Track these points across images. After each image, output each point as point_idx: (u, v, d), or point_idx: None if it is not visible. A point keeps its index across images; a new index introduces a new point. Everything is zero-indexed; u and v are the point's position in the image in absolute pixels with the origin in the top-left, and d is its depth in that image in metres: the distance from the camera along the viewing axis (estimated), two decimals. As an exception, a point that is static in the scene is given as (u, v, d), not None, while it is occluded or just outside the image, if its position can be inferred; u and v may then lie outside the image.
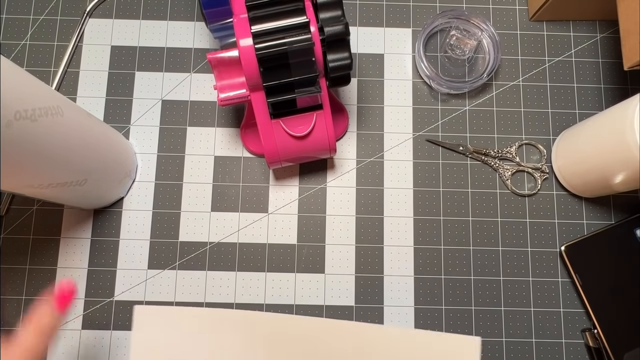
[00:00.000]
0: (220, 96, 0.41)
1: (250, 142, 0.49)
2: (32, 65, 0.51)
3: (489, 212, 0.49)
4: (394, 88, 0.51)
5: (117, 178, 0.46)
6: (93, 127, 0.40)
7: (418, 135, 0.50)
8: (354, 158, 0.50)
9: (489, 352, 0.46)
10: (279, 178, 0.49)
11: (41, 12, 0.52)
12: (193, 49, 0.52)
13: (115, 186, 0.46)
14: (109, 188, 0.45)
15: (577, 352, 0.46)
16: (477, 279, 0.47)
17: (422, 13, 0.53)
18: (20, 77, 0.31)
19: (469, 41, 0.50)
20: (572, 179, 0.48)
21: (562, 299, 0.47)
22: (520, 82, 0.51)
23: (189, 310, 0.44)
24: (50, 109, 0.33)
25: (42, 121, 0.32)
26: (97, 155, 0.41)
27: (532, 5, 0.52)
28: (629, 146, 0.38)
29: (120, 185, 0.47)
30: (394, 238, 0.48)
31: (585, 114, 0.51)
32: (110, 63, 0.51)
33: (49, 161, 0.34)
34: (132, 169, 0.48)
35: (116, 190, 0.47)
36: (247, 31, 0.38)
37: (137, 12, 0.52)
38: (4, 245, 0.47)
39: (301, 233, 0.48)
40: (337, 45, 0.39)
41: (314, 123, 0.42)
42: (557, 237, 0.48)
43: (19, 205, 0.48)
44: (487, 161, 0.49)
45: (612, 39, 0.52)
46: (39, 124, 0.32)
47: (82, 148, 0.38)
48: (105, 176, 0.43)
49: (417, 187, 0.49)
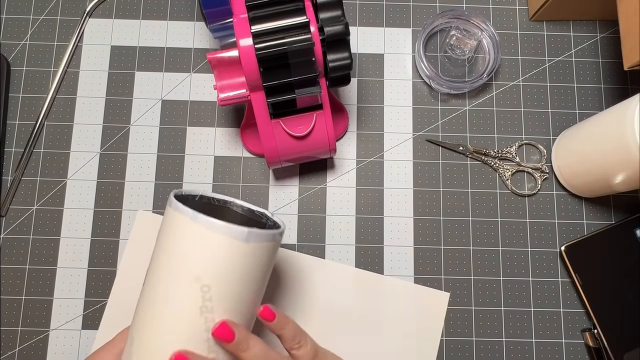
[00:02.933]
0: (220, 96, 0.41)
1: (250, 142, 0.49)
2: (32, 65, 0.51)
3: (489, 212, 0.49)
4: (394, 88, 0.51)
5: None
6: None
7: (418, 135, 0.50)
8: (354, 158, 0.50)
9: (489, 352, 0.46)
10: (279, 178, 0.49)
11: (41, 12, 0.52)
12: (193, 49, 0.52)
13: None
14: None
15: (577, 352, 0.46)
16: (477, 279, 0.47)
17: (422, 13, 0.53)
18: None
19: (469, 41, 0.50)
20: (572, 179, 0.48)
21: (562, 299, 0.47)
22: (520, 82, 0.51)
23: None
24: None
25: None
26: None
27: (532, 5, 0.52)
28: (629, 146, 0.38)
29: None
30: (394, 238, 0.48)
31: (585, 114, 0.51)
32: (110, 63, 0.51)
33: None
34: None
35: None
36: (247, 31, 0.38)
37: (137, 12, 0.52)
38: (4, 245, 0.47)
39: (301, 233, 0.48)
40: (337, 45, 0.39)
41: (314, 123, 0.42)
42: (557, 237, 0.48)
43: (19, 205, 0.48)
44: (487, 161, 0.49)
45: (612, 39, 0.52)
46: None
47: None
48: None
49: (417, 187, 0.49)
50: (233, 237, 0.31)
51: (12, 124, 0.49)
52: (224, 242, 0.31)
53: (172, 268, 0.32)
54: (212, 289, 0.31)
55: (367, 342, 0.46)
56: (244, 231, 0.31)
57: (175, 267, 0.32)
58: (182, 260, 0.32)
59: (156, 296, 0.32)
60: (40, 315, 0.46)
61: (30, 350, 0.46)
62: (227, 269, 0.32)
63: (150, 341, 0.31)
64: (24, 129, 0.49)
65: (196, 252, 0.31)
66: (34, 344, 0.46)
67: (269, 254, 0.34)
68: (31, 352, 0.45)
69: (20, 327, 0.46)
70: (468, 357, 0.46)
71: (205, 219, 0.31)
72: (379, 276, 0.47)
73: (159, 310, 0.32)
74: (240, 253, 0.32)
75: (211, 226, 0.31)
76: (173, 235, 0.32)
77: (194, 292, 0.31)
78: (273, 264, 0.36)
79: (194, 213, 0.32)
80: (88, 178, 0.49)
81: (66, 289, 0.47)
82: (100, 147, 0.49)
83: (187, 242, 0.32)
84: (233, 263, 0.32)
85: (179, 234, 0.32)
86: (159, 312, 0.31)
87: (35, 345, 0.46)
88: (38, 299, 0.46)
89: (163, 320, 0.31)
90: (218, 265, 0.31)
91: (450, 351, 0.46)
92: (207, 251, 0.31)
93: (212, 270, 0.31)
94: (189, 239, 0.32)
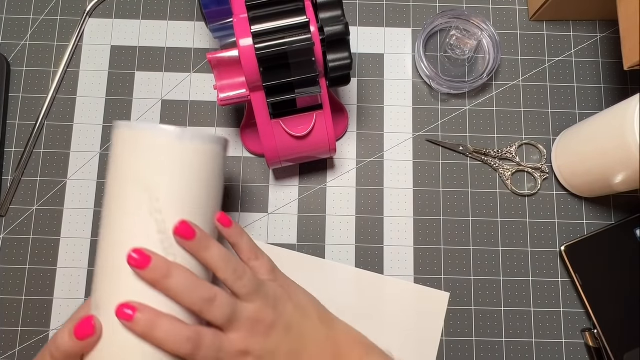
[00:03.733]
0: (220, 96, 0.41)
1: (250, 142, 0.49)
2: (32, 65, 0.51)
3: (489, 212, 0.49)
4: (394, 88, 0.51)
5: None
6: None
7: (418, 135, 0.50)
8: (354, 158, 0.50)
9: (489, 352, 0.46)
10: (279, 178, 0.49)
11: (41, 12, 0.52)
12: (193, 49, 0.52)
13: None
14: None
15: (577, 352, 0.46)
16: (477, 279, 0.47)
17: (422, 13, 0.53)
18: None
19: (469, 41, 0.50)
20: (572, 179, 0.48)
21: (562, 299, 0.47)
22: (520, 82, 0.51)
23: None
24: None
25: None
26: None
27: (532, 5, 0.52)
28: (629, 146, 0.38)
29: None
30: (394, 238, 0.48)
31: (585, 114, 0.51)
32: (110, 63, 0.51)
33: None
34: None
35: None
36: (247, 31, 0.38)
37: (137, 12, 0.52)
38: (4, 245, 0.47)
39: (301, 233, 0.48)
40: (337, 45, 0.39)
41: (314, 123, 0.42)
42: (557, 237, 0.48)
43: (19, 205, 0.48)
44: (487, 161, 0.49)
45: (612, 39, 0.52)
46: None
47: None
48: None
49: (417, 187, 0.49)
50: (166, 137, 0.32)
51: (12, 124, 0.49)
52: (157, 142, 0.32)
53: (117, 180, 0.33)
54: (155, 190, 0.32)
55: (367, 342, 0.46)
56: (178, 130, 0.33)
57: (118, 178, 0.33)
58: (121, 169, 0.33)
59: (107, 215, 0.33)
60: (40, 315, 0.46)
61: (31, 350, 0.46)
62: (165, 168, 0.32)
63: (109, 260, 0.32)
64: (24, 129, 0.49)
65: (132, 157, 0.32)
66: (34, 344, 0.46)
67: (208, 156, 0.34)
68: (31, 352, 0.45)
69: (20, 327, 0.46)
70: (468, 357, 0.46)
71: (137, 125, 0.33)
72: (379, 276, 0.47)
73: (112, 227, 0.32)
74: (175, 152, 0.33)
75: (144, 128, 0.33)
76: (114, 153, 0.33)
77: (139, 195, 0.32)
78: (219, 172, 0.36)
79: (128, 123, 0.33)
80: (88, 178, 0.49)
81: (66, 289, 0.47)
82: (100, 147, 0.49)
83: (123, 151, 0.33)
84: (171, 162, 0.32)
85: (116, 148, 0.33)
86: (112, 229, 0.32)
87: (35, 345, 0.46)
88: (38, 299, 0.46)
89: (117, 234, 0.32)
90: (157, 165, 0.32)
91: (450, 351, 0.46)
92: (143, 154, 0.32)
93: (151, 171, 0.32)
94: (125, 147, 0.33)
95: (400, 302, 0.46)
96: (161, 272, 0.30)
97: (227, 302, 0.32)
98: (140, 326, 0.30)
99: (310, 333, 0.36)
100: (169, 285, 0.30)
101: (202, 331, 0.31)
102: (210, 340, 0.31)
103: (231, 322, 0.32)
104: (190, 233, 0.32)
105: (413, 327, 0.46)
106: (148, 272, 0.30)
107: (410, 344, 0.46)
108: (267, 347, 0.33)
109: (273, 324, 0.33)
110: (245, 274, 0.33)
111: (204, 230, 0.33)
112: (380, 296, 0.47)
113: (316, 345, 0.35)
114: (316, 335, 0.36)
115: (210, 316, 0.31)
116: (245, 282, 0.33)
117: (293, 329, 0.34)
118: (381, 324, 0.46)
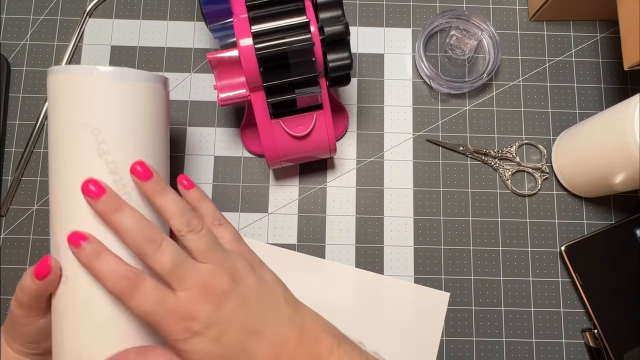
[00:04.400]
0: (220, 96, 0.41)
1: (250, 142, 0.49)
2: (32, 65, 0.51)
3: (489, 212, 0.49)
4: (394, 88, 0.51)
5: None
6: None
7: (418, 135, 0.50)
8: (354, 158, 0.50)
9: (489, 352, 0.46)
10: (279, 178, 0.49)
11: (41, 12, 0.52)
12: (193, 49, 0.52)
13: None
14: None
15: (577, 352, 0.46)
16: (477, 279, 0.47)
17: (422, 13, 0.53)
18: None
19: (469, 41, 0.50)
20: (572, 179, 0.48)
21: (562, 299, 0.47)
22: (520, 82, 0.51)
23: None
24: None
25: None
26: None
27: (532, 5, 0.52)
28: (629, 146, 0.38)
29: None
30: (394, 238, 0.48)
31: (585, 114, 0.51)
32: (110, 63, 0.51)
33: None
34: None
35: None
36: (247, 31, 0.38)
37: (137, 12, 0.52)
38: (4, 245, 0.47)
39: (301, 233, 0.48)
40: (337, 45, 0.39)
41: (314, 123, 0.42)
42: (557, 237, 0.48)
43: (19, 205, 0.48)
44: (487, 161, 0.49)
45: (612, 39, 0.52)
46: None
47: None
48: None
49: (417, 187, 0.49)
50: (107, 78, 0.32)
51: (12, 124, 0.49)
52: (99, 83, 0.32)
53: (61, 125, 0.33)
54: (102, 131, 0.32)
55: (367, 342, 0.46)
56: (117, 70, 0.33)
57: (63, 123, 0.33)
58: (65, 114, 0.33)
59: (56, 161, 0.33)
60: (40, 315, 0.46)
61: (30, 350, 0.45)
62: (109, 108, 0.33)
63: (65, 204, 0.32)
64: (24, 129, 0.49)
65: (76, 100, 0.32)
66: (34, 344, 0.46)
67: (151, 95, 0.35)
68: (31, 352, 0.45)
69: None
70: (468, 357, 0.46)
71: (75, 67, 0.33)
72: (379, 276, 0.47)
73: (64, 171, 0.32)
74: (118, 92, 0.33)
75: (84, 71, 0.32)
76: (53, 98, 0.33)
77: (86, 137, 0.32)
78: (162, 110, 0.36)
79: (65, 67, 0.33)
80: (88, 178, 0.49)
81: (66, 289, 0.47)
82: (100, 147, 0.49)
83: (67, 95, 0.33)
84: (115, 102, 0.33)
85: (56, 93, 0.33)
86: (64, 173, 0.32)
87: (35, 345, 0.46)
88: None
89: (69, 178, 0.32)
90: (100, 106, 0.32)
91: (450, 351, 0.46)
92: (86, 96, 0.32)
93: (96, 112, 0.32)
94: (68, 91, 0.33)
95: (400, 302, 0.46)
96: (112, 205, 0.30)
97: (175, 252, 0.30)
98: (84, 254, 0.30)
99: (272, 313, 0.31)
100: (117, 220, 0.30)
101: (143, 275, 0.29)
102: (150, 288, 0.29)
103: (178, 278, 0.29)
104: (146, 174, 0.31)
105: (413, 327, 0.46)
106: (99, 202, 0.30)
107: (410, 344, 0.46)
108: (216, 318, 0.29)
109: (228, 293, 0.30)
110: (202, 230, 0.31)
111: (160, 175, 0.32)
112: (380, 296, 0.47)
113: (278, 327, 0.31)
114: (279, 316, 0.31)
115: (152, 261, 0.29)
116: (200, 237, 0.31)
117: (251, 304, 0.30)
118: (381, 324, 0.46)
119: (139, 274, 0.30)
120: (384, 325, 0.46)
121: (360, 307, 0.46)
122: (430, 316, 0.46)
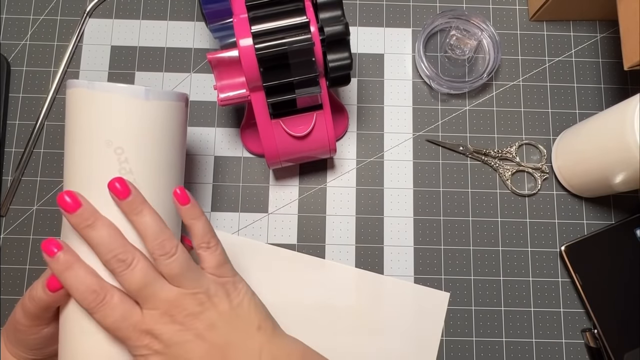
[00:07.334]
0: (220, 96, 0.41)
1: (250, 142, 0.49)
2: (32, 65, 0.51)
3: (489, 212, 0.49)
4: (394, 88, 0.51)
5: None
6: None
7: (418, 135, 0.50)
8: (354, 158, 0.50)
9: (489, 352, 0.46)
10: (279, 178, 0.49)
11: (41, 12, 0.52)
12: (193, 49, 0.52)
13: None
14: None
15: (577, 352, 0.46)
16: (477, 279, 0.47)
17: (422, 13, 0.53)
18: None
19: (469, 41, 0.50)
20: (572, 179, 0.48)
21: (562, 299, 0.47)
22: (520, 82, 0.51)
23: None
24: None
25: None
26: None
27: (532, 5, 0.52)
28: (629, 146, 0.38)
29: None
30: (394, 238, 0.48)
31: (585, 114, 0.51)
32: (110, 63, 0.51)
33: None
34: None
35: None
36: (247, 31, 0.38)
37: (137, 12, 0.52)
38: (4, 245, 0.47)
39: (301, 233, 0.48)
40: (337, 45, 0.39)
41: (314, 123, 0.42)
42: (557, 237, 0.48)
43: (19, 205, 0.48)
44: (487, 161, 0.49)
45: (612, 39, 0.52)
46: None
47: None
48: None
49: (417, 187, 0.49)
50: (133, 96, 0.32)
51: (12, 124, 0.49)
52: (125, 102, 0.32)
53: (80, 140, 0.32)
54: (125, 151, 0.32)
55: (367, 342, 0.46)
56: (142, 89, 0.33)
57: (83, 138, 0.32)
58: (85, 129, 0.32)
59: (76, 177, 0.33)
60: (40, 315, 0.46)
61: (30, 350, 0.45)
62: (134, 128, 0.32)
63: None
64: (24, 129, 0.49)
65: (100, 118, 0.32)
66: (34, 344, 0.46)
67: (174, 114, 0.35)
68: (31, 352, 0.45)
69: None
70: (468, 357, 0.46)
71: (99, 84, 0.32)
72: (379, 276, 0.47)
73: (80, 189, 0.32)
74: (144, 111, 0.33)
75: (110, 89, 0.32)
76: (74, 112, 0.33)
77: (108, 156, 0.32)
78: (183, 128, 0.37)
79: (87, 82, 0.32)
80: (88, 178, 0.49)
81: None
82: (100, 147, 0.49)
83: (89, 111, 0.32)
84: (139, 122, 0.33)
85: (78, 108, 0.33)
86: (80, 190, 0.32)
87: (35, 345, 0.46)
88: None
89: (86, 191, 0.32)
90: (125, 125, 0.32)
91: (450, 351, 0.46)
92: (111, 114, 0.32)
93: (121, 131, 0.32)
94: (90, 107, 0.32)
95: (400, 302, 0.46)
96: (86, 220, 0.30)
97: (144, 271, 0.30)
98: (56, 264, 0.30)
99: (240, 341, 0.31)
100: (90, 235, 0.30)
101: (112, 291, 0.30)
102: (117, 303, 0.30)
103: (145, 297, 0.30)
104: (123, 192, 0.31)
105: (413, 327, 0.46)
106: (73, 216, 0.30)
107: (410, 344, 0.46)
108: (178, 339, 0.30)
109: (194, 316, 0.30)
110: (175, 254, 0.31)
111: (142, 194, 0.32)
112: (380, 296, 0.47)
113: (243, 355, 0.31)
114: (247, 345, 0.31)
115: (121, 279, 0.30)
116: (172, 261, 0.31)
117: (218, 331, 0.31)
118: (381, 324, 0.46)
119: (108, 288, 0.30)
120: (384, 325, 0.46)
121: (360, 307, 0.46)
122: (430, 316, 0.46)
